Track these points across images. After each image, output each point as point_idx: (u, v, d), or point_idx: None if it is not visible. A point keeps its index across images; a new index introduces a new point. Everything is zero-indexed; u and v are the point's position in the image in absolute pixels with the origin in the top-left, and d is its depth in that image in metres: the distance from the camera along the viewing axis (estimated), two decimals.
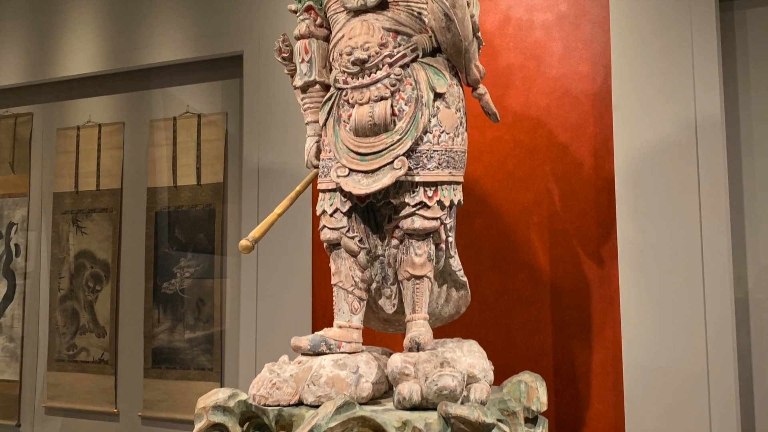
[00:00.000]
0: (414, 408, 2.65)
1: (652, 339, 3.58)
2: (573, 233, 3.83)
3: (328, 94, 3.12)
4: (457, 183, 2.99)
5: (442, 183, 2.93)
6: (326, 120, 3.09)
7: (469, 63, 3.02)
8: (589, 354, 3.75)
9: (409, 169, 2.87)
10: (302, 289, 4.43)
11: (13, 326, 5.91)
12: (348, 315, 2.98)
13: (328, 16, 3.16)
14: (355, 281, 2.99)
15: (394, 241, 2.99)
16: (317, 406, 2.66)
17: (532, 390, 3.06)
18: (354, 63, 2.94)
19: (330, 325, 3.01)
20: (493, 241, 3.98)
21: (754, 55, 3.82)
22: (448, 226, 2.98)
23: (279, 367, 2.88)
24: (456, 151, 2.96)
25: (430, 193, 2.91)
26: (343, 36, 3.02)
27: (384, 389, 2.92)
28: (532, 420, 3.08)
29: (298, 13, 3.27)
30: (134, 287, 5.41)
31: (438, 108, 2.94)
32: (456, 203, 2.98)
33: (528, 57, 4.01)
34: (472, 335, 3.28)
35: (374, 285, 3.08)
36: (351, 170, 2.93)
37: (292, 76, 3.36)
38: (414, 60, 2.96)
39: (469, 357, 2.83)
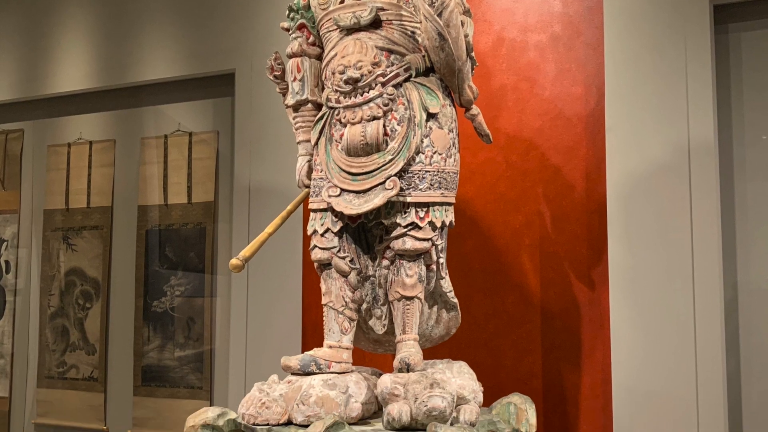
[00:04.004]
0: (403, 429, 2.65)
1: (642, 362, 3.58)
2: (564, 255, 3.82)
3: (320, 113, 3.11)
4: (449, 204, 2.98)
5: (434, 204, 2.92)
6: (318, 139, 3.08)
7: (462, 83, 3.02)
8: (578, 376, 3.74)
9: (401, 189, 2.87)
10: (292, 308, 4.42)
11: (3, 343, 5.89)
12: (338, 335, 2.97)
13: (320, 34, 3.15)
14: (345, 301, 2.98)
15: (385, 262, 2.98)
16: (306, 426, 2.66)
17: (522, 412, 3.05)
18: (346, 82, 2.94)
19: (320, 345, 3.00)
20: (484, 263, 3.97)
21: (748, 80, 3.82)
22: (440, 247, 2.98)
23: (269, 387, 2.88)
24: (448, 172, 2.96)
25: (421, 214, 2.90)
26: (335, 54, 3.01)
27: (373, 409, 2.92)
28: None
29: (290, 31, 3.27)
30: (124, 305, 5.40)
31: (430, 128, 2.94)
32: (447, 224, 2.98)
33: (521, 78, 4.01)
34: (462, 356, 3.27)
35: (365, 305, 3.07)
36: (342, 190, 2.93)
37: (284, 94, 3.35)
38: (407, 79, 2.96)
39: (459, 378, 2.83)
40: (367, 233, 3.06)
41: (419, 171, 2.91)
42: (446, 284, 3.08)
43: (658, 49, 3.71)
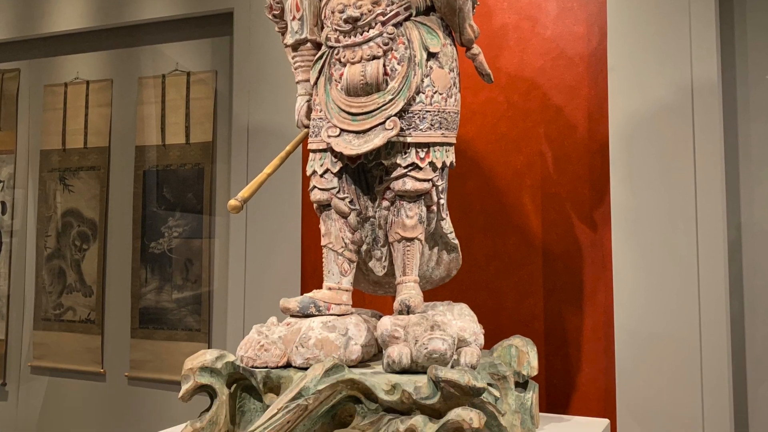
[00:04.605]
0: (403, 371, 2.63)
1: (645, 304, 3.56)
2: (566, 196, 3.80)
3: (320, 53, 3.08)
4: (450, 144, 2.95)
5: (435, 144, 2.89)
6: (317, 79, 3.05)
7: (463, 22, 2.98)
8: (580, 318, 3.73)
9: (401, 129, 2.84)
10: (291, 250, 4.40)
11: None
12: (338, 277, 2.95)
13: None
14: (345, 243, 2.96)
15: (385, 203, 2.95)
16: (306, 369, 2.64)
17: (523, 354, 3.04)
18: (346, 21, 2.90)
19: (319, 287, 2.98)
20: (485, 204, 3.95)
21: (752, 19, 3.78)
22: (440, 188, 2.95)
23: (267, 329, 2.86)
24: (449, 112, 2.93)
25: (422, 155, 2.88)
26: None
27: (373, 352, 2.91)
28: (522, 384, 3.06)
29: None
30: (122, 247, 5.38)
31: (431, 68, 2.90)
32: (448, 165, 2.95)
33: (523, 17, 3.97)
34: (462, 298, 3.25)
35: (364, 247, 3.05)
36: (342, 130, 2.90)
37: (283, 34, 3.31)
38: (407, 19, 2.92)
39: (460, 320, 2.81)
40: (367, 174, 3.03)
41: (420, 111, 2.88)
42: (447, 225, 3.06)
43: None
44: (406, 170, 2.87)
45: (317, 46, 3.16)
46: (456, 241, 3.11)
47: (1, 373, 5.79)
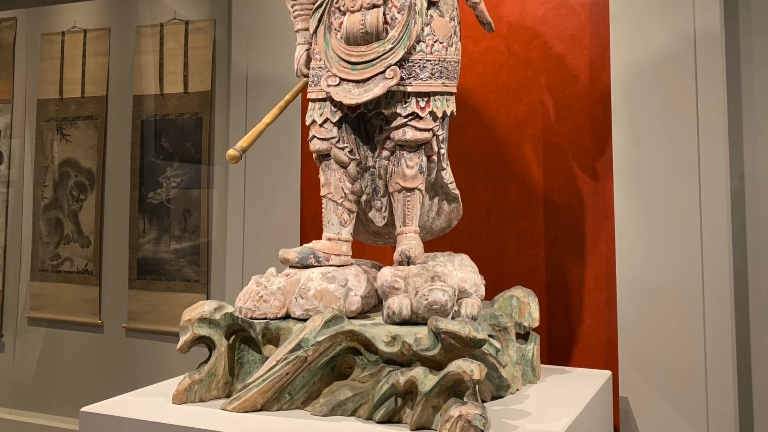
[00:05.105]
0: (403, 322, 2.62)
1: (647, 255, 3.55)
2: (567, 146, 3.77)
3: (319, 1, 3.04)
4: (450, 94, 2.93)
5: (435, 93, 2.87)
6: (317, 28, 3.02)
7: None
8: (582, 269, 3.71)
9: (402, 79, 2.82)
10: (291, 200, 4.38)
11: None
12: (337, 227, 2.94)
13: None
14: (344, 193, 2.94)
15: (385, 153, 2.93)
16: (305, 320, 2.64)
17: (524, 305, 3.05)
18: None
19: (319, 237, 2.97)
20: (486, 154, 3.92)
21: None
22: (441, 137, 2.93)
23: (266, 280, 2.86)
24: (449, 61, 2.91)
25: (422, 104, 2.86)
26: None
27: (373, 303, 2.91)
28: (523, 336, 3.07)
29: None
30: (119, 197, 5.37)
31: (431, 16, 2.89)
32: (449, 114, 2.93)
33: None
34: (463, 249, 3.24)
35: (364, 197, 3.03)
36: (342, 79, 2.88)
37: None
38: None
39: (460, 271, 2.79)
40: (367, 123, 3.01)
41: (420, 60, 2.86)
42: (447, 175, 3.04)
43: None
44: (406, 120, 2.85)
45: None
46: (457, 192, 3.09)
47: None
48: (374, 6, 2.85)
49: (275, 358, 2.54)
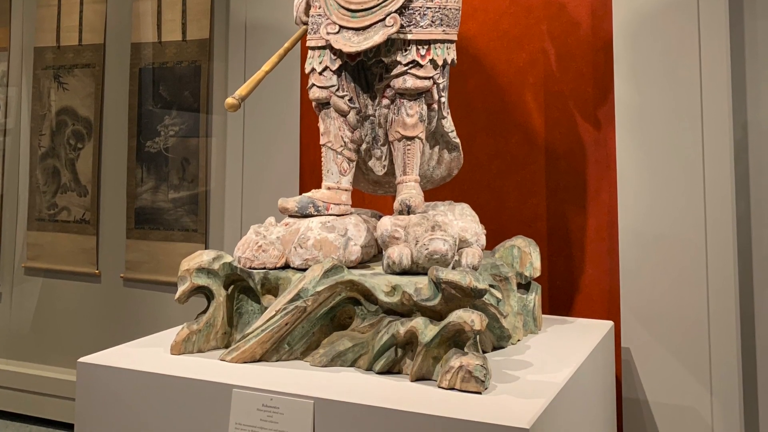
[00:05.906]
0: (404, 272, 2.61)
1: (649, 204, 3.54)
2: (569, 94, 3.75)
3: None
4: (451, 41, 2.91)
5: (435, 41, 2.85)
6: None
7: None
8: (583, 219, 3.70)
9: (402, 26, 2.80)
10: (290, 149, 4.36)
11: None
12: (337, 176, 2.92)
13: None
14: (344, 142, 2.92)
15: (385, 101, 2.92)
16: (304, 270, 2.64)
17: (525, 255, 3.05)
18: None
19: (318, 186, 2.96)
20: (487, 102, 3.90)
21: None
22: (441, 85, 2.91)
23: (265, 229, 2.85)
24: (450, 9, 2.88)
25: (422, 52, 2.84)
26: None
27: (373, 253, 2.90)
28: (524, 286, 3.07)
29: None
30: (117, 145, 5.33)
31: None
32: (449, 62, 2.91)
33: None
34: (464, 198, 3.23)
35: (364, 146, 3.01)
36: (341, 27, 2.86)
37: None
38: None
39: (461, 221, 2.78)
40: (367, 72, 3.00)
41: (420, 7, 2.83)
42: (448, 124, 3.03)
43: None
44: (406, 68, 2.83)
45: None
46: (457, 140, 3.08)
47: None
48: None
49: (274, 309, 2.53)
